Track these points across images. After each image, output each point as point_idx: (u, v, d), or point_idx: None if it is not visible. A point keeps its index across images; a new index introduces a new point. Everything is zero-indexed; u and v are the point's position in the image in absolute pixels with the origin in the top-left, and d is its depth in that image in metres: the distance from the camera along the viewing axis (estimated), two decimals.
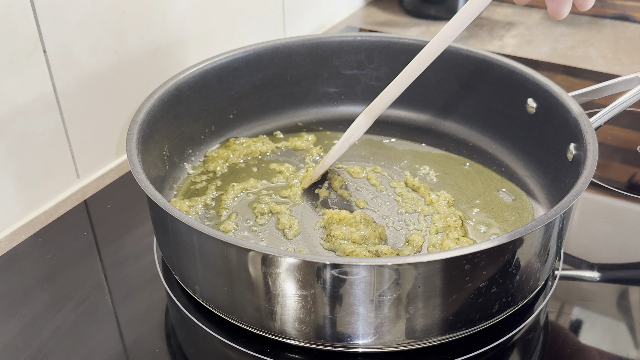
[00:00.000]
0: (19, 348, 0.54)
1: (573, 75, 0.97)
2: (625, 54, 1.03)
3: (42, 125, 0.68)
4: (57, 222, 0.68)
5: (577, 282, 0.61)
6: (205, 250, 0.51)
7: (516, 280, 0.52)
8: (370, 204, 0.66)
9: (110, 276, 0.61)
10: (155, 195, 0.51)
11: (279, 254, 0.47)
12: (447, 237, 0.60)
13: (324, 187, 0.68)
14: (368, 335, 0.50)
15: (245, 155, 0.73)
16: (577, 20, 1.16)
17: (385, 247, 0.59)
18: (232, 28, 0.90)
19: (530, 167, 0.70)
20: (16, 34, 0.63)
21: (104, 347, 0.54)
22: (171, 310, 0.58)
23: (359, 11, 1.22)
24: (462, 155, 0.74)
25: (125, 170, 0.76)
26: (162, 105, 0.66)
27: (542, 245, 0.52)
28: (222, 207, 0.65)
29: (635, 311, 0.57)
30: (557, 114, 0.64)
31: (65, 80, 0.69)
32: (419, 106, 0.79)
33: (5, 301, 0.58)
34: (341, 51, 0.78)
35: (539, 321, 0.56)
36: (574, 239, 0.66)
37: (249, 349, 0.53)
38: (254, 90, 0.76)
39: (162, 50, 0.79)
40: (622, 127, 0.84)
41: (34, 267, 0.62)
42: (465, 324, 0.52)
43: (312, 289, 0.48)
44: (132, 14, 0.74)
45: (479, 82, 0.74)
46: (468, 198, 0.67)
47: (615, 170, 0.76)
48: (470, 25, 1.15)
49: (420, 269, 0.47)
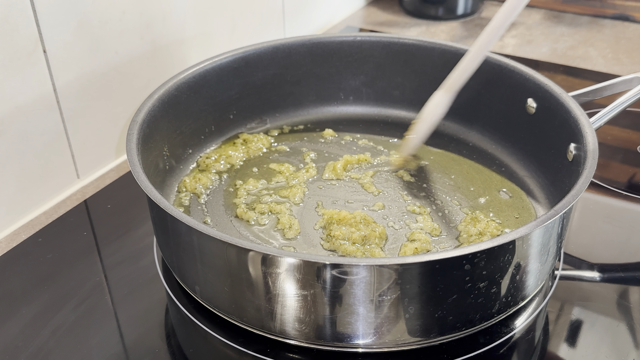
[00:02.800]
0: (19, 348, 0.54)
1: (573, 75, 0.97)
2: (625, 54, 1.03)
3: (42, 125, 0.68)
4: (57, 222, 0.68)
5: (577, 282, 0.61)
6: (205, 250, 0.51)
7: (516, 280, 0.52)
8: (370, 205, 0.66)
9: (110, 276, 0.61)
10: (155, 195, 0.51)
11: (279, 254, 0.47)
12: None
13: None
14: (368, 335, 0.50)
15: (246, 155, 0.73)
16: (577, 20, 1.16)
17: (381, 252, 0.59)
18: (232, 28, 0.90)
19: (530, 167, 0.69)
20: (16, 34, 0.63)
21: (104, 347, 0.54)
22: (171, 310, 0.57)
23: (359, 11, 1.22)
24: (462, 155, 0.74)
25: (125, 170, 0.76)
26: (162, 105, 0.66)
27: (542, 245, 0.52)
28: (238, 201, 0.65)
29: (635, 311, 0.57)
30: (557, 114, 0.64)
31: (65, 80, 0.69)
32: (419, 106, 0.79)
33: (5, 301, 0.58)
34: (341, 51, 0.78)
35: (539, 321, 0.56)
36: (574, 239, 0.66)
37: (249, 349, 0.53)
38: (254, 90, 0.76)
39: (162, 50, 0.79)
40: (622, 127, 0.84)
41: (34, 267, 0.62)
42: (465, 324, 0.52)
43: (312, 289, 0.48)
44: (132, 14, 0.74)
45: (479, 82, 0.74)
46: (468, 198, 0.67)
47: (615, 170, 0.76)
48: (470, 25, 1.15)
49: (420, 269, 0.47)
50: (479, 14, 1.19)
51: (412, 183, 0.69)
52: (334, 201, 0.66)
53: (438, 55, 0.76)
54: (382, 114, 0.80)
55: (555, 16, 1.18)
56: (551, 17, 1.17)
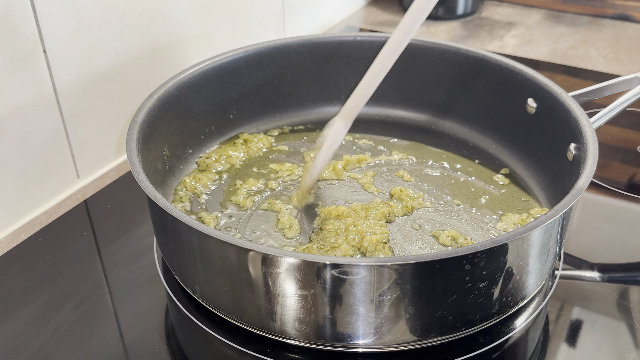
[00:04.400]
0: (19, 348, 0.54)
1: (573, 75, 0.97)
2: (625, 54, 1.03)
3: (42, 125, 0.68)
4: (57, 222, 0.68)
5: (577, 282, 0.61)
6: (205, 250, 0.51)
7: (516, 280, 0.52)
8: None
9: (110, 276, 0.61)
10: (155, 195, 0.51)
11: (279, 254, 0.47)
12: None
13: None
14: (368, 335, 0.50)
15: (246, 155, 0.73)
16: (577, 20, 1.16)
17: (367, 239, 0.58)
18: (232, 28, 0.90)
19: (530, 167, 0.69)
20: (16, 34, 0.63)
21: (104, 347, 0.54)
22: (171, 310, 0.57)
23: (359, 11, 1.22)
24: (462, 155, 0.74)
25: (125, 170, 0.76)
26: (162, 105, 0.66)
27: (542, 245, 0.52)
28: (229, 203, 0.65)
29: (635, 311, 0.57)
30: (557, 114, 0.64)
31: (65, 80, 0.69)
32: (419, 106, 0.79)
33: (5, 301, 0.58)
34: (341, 51, 0.78)
35: (538, 321, 0.56)
36: (574, 239, 0.66)
37: (249, 349, 0.53)
38: (254, 90, 0.76)
39: (162, 50, 0.79)
40: (622, 127, 0.84)
41: (34, 267, 0.62)
42: (465, 324, 0.52)
43: (312, 289, 0.48)
44: (132, 14, 0.74)
45: (479, 82, 0.74)
46: (468, 198, 0.67)
47: (615, 170, 0.76)
48: (470, 25, 1.15)
49: (420, 269, 0.47)
50: (479, 14, 1.19)
51: (412, 183, 0.69)
52: (333, 201, 0.66)
53: (438, 55, 0.76)
54: (382, 114, 0.80)
55: (555, 16, 1.18)
56: (551, 17, 1.17)
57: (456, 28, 1.14)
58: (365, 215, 0.62)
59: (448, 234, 0.61)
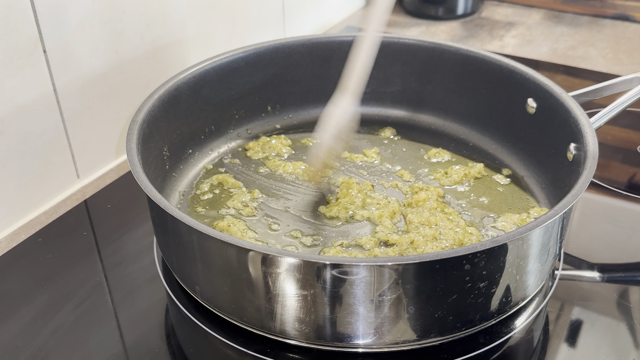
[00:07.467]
0: (19, 348, 0.54)
1: (573, 75, 0.97)
2: (625, 54, 1.03)
3: (42, 125, 0.68)
4: (57, 222, 0.68)
5: (577, 282, 0.61)
6: (205, 250, 0.51)
7: (516, 280, 0.52)
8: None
9: (110, 276, 0.61)
10: (155, 195, 0.51)
11: (279, 254, 0.47)
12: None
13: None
14: (368, 335, 0.50)
15: (246, 155, 0.73)
16: (577, 20, 1.16)
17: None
18: (232, 28, 0.90)
19: (530, 167, 0.69)
20: (16, 34, 0.63)
21: (104, 347, 0.54)
22: (171, 310, 0.57)
23: (359, 11, 1.22)
24: (462, 155, 0.74)
25: (125, 170, 0.76)
26: (162, 105, 0.66)
27: (542, 245, 0.52)
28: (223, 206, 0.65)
29: (635, 311, 0.57)
30: (557, 114, 0.64)
31: (65, 80, 0.69)
32: (419, 106, 0.79)
33: (5, 301, 0.58)
34: (341, 51, 0.78)
35: (538, 321, 0.56)
36: (574, 239, 0.66)
37: (249, 349, 0.53)
38: (254, 90, 0.76)
39: (162, 50, 0.79)
40: (622, 127, 0.84)
41: (34, 267, 0.62)
42: (465, 324, 0.52)
43: (312, 289, 0.48)
44: (132, 14, 0.74)
45: (479, 82, 0.74)
46: (469, 198, 0.67)
47: (615, 170, 0.76)
48: (470, 25, 1.15)
49: (420, 269, 0.47)
50: (479, 14, 1.19)
51: (412, 183, 0.69)
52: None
53: (438, 55, 0.76)
54: (382, 114, 0.80)
55: (555, 16, 1.18)
56: (551, 17, 1.17)
57: (456, 28, 1.15)
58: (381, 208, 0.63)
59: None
